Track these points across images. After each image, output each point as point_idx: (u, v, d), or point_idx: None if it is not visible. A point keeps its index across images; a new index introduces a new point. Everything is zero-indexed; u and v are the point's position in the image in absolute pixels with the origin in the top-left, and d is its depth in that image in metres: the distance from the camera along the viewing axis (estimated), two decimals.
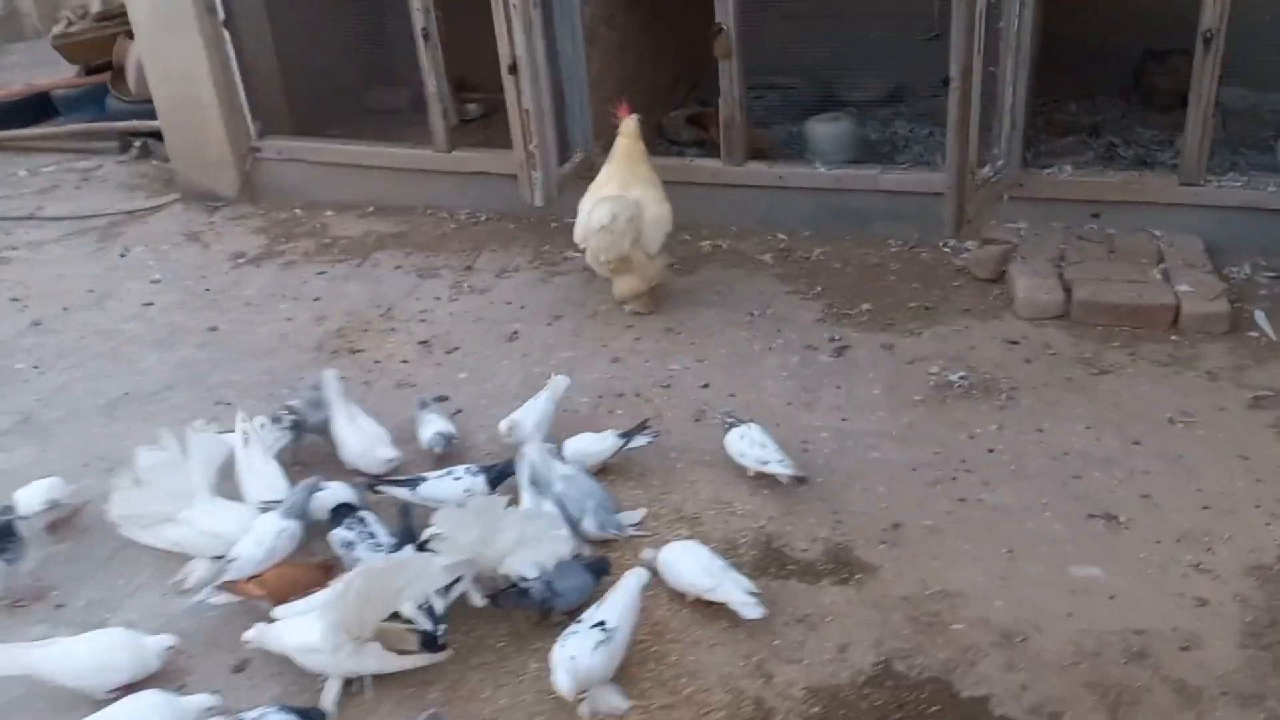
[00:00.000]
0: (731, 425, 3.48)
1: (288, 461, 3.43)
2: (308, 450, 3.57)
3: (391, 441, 3.50)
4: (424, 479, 3.28)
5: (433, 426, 3.54)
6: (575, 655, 2.59)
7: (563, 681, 2.55)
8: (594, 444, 3.45)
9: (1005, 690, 2.66)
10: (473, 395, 3.97)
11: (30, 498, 3.29)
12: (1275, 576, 2.94)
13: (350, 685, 2.72)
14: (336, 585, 2.71)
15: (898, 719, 2.60)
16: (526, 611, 2.91)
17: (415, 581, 2.72)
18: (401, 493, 3.25)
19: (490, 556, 2.88)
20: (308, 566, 3.04)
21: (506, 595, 2.87)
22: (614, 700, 2.64)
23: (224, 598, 2.91)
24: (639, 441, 3.49)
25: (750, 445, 3.42)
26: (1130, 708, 2.59)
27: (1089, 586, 2.96)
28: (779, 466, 3.36)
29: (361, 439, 3.49)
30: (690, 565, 2.95)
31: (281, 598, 2.88)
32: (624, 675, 2.74)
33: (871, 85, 6.20)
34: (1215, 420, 3.60)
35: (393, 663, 2.72)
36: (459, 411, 3.84)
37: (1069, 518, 3.21)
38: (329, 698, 2.66)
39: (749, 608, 2.83)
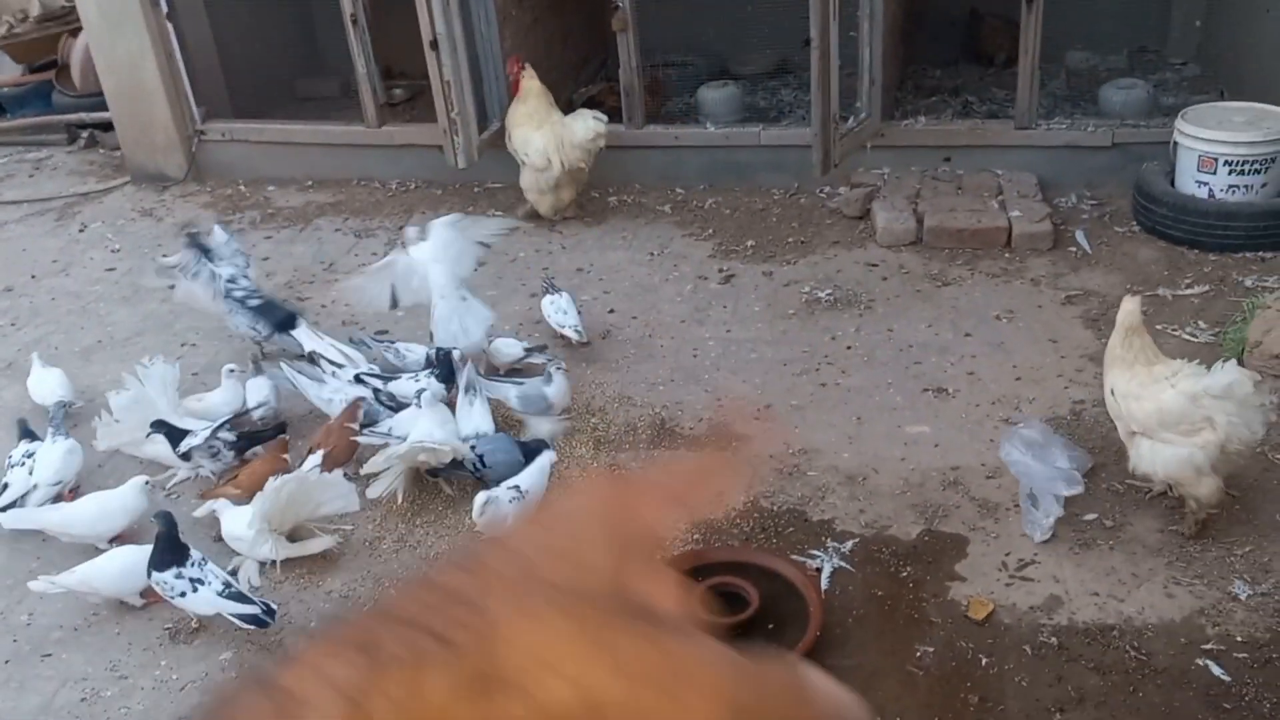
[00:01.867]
0: (548, 291, 4.25)
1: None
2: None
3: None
4: (397, 378, 3.92)
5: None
6: (490, 499, 3.20)
7: (478, 509, 3.18)
8: (508, 347, 4.10)
9: (847, 514, 3.34)
10: (409, 326, 4.55)
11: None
12: (1066, 423, 3.65)
13: (263, 566, 3.26)
14: (273, 483, 3.23)
15: (760, 538, 3.26)
16: (464, 480, 3.52)
17: (334, 500, 3.29)
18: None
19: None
20: (274, 458, 3.61)
21: (439, 469, 3.48)
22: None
23: (206, 507, 3.44)
24: (537, 358, 4.12)
25: (556, 310, 4.25)
26: (943, 519, 3.28)
27: (919, 439, 3.65)
28: (572, 333, 4.20)
29: None
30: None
31: (255, 491, 3.45)
32: None
33: (760, 60, 6.90)
34: (1033, 315, 4.33)
35: (296, 550, 3.25)
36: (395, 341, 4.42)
37: (908, 392, 3.91)
38: (247, 575, 3.21)
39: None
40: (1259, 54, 5.35)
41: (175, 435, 3.56)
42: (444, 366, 3.87)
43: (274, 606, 2.96)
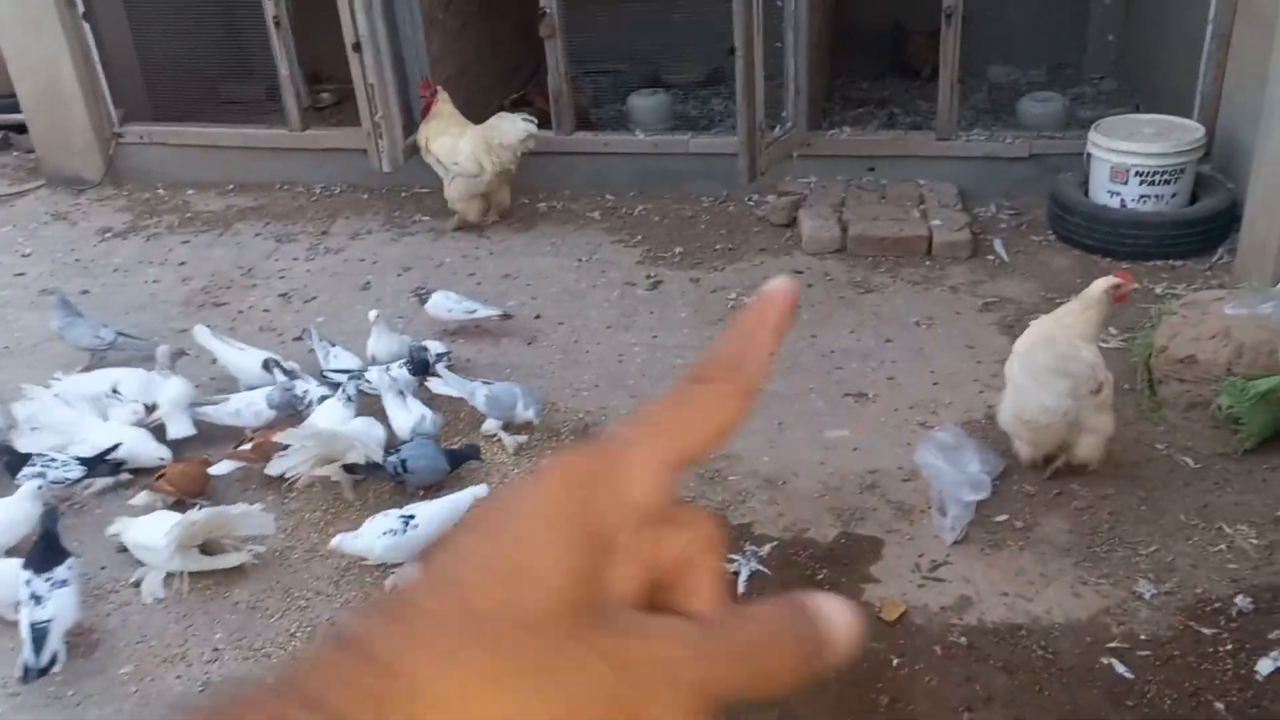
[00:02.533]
0: (426, 295, 4.27)
1: None
2: None
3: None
4: (366, 370, 3.92)
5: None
6: (360, 535, 3.11)
7: (336, 542, 3.11)
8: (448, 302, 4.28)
9: (766, 517, 3.35)
10: (328, 333, 4.47)
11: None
12: (980, 426, 3.70)
13: (169, 577, 3.18)
14: (191, 515, 3.15)
15: None
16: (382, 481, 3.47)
17: (251, 527, 3.23)
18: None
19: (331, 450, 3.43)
20: (200, 461, 3.53)
21: (358, 466, 3.42)
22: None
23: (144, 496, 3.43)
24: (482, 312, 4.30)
25: (455, 302, 4.29)
26: (860, 522, 3.31)
27: (839, 444, 3.68)
28: (485, 310, 4.27)
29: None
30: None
31: (187, 492, 3.40)
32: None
33: (692, 69, 6.93)
34: (952, 321, 4.39)
35: (208, 564, 3.18)
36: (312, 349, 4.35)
37: (829, 397, 3.94)
38: (151, 585, 3.13)
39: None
40: (1170, 68, 5.51)
41: (15, 462, 3.45)
42: (418, 362, 3.88)
43: (54, 667, 2.81)
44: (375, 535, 3.10)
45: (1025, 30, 6.68)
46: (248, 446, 3.52)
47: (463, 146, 5.13)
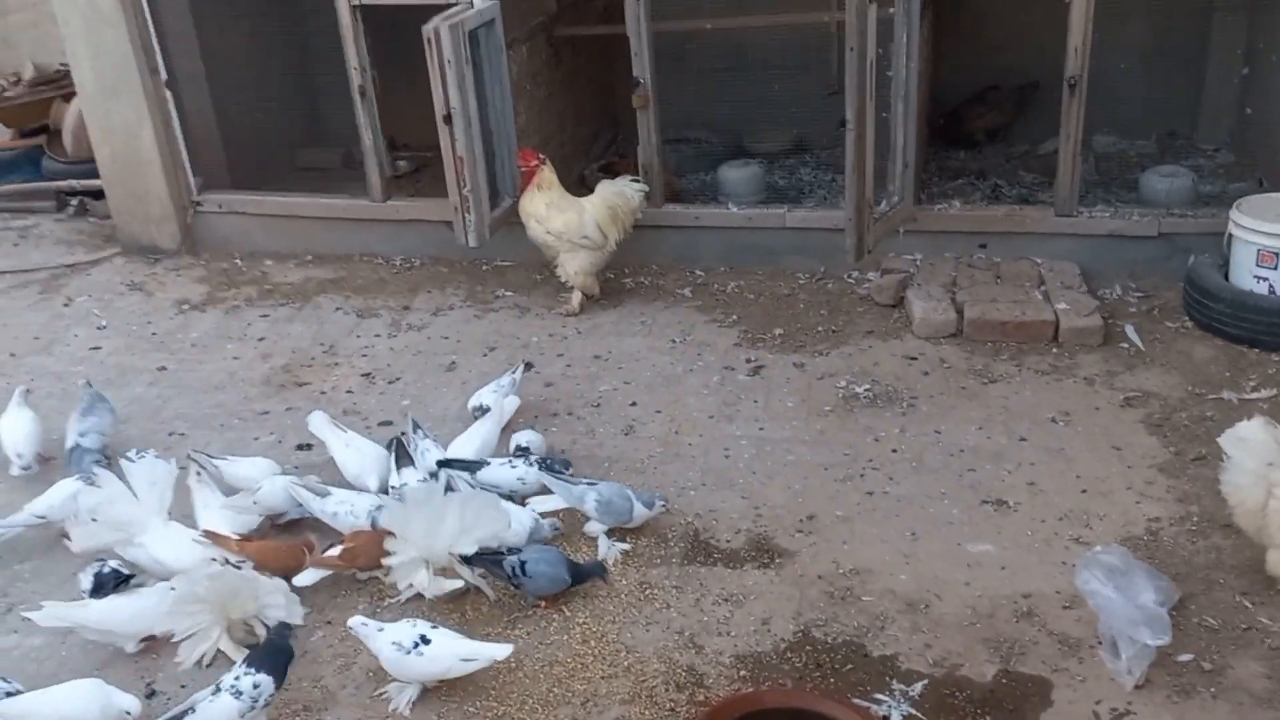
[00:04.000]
0: (419, 438, 3.84)
1: None
2: None
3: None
4: (487, 463, 3.63)
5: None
6: (379, 634, 2.88)
7: (354, 624, 2.91)
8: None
9: (911, 648, 2.98)
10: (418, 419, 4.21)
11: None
12: (1144, 544, 3.32)
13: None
14: (213, 567, 3.11)
15: (816, 677, 2.90)
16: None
17: (277, 607, 3.03)
18: (464, 475, 3.59)
19: (438, 545, 3.12)
20: (291, 545, 3.32)
21: (481, 557, 3.12)
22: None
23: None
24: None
25: (491, 390, 4.11)
26: (1020, 658, 2.93)
27: (982, 560, 3.31)
28: (510, 378, 4.17)
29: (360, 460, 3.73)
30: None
31: (265, 566, 3.21)
32: (568, 652, 3.01)
33: (777, 137, 6.68)
34: (1091, 418, 4.02)
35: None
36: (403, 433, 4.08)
37: (964, 504, 3.58)
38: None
39: None
40: None
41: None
42: (548, 465, 3.65)
43: None
44: (386, 642, 2.86)
45: (1133, 98, 6.35)
46: (336, 552, 3.24)
47: (588, 217, 4.92)
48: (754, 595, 3.21)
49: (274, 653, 2.78)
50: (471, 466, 3.62)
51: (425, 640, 2.83)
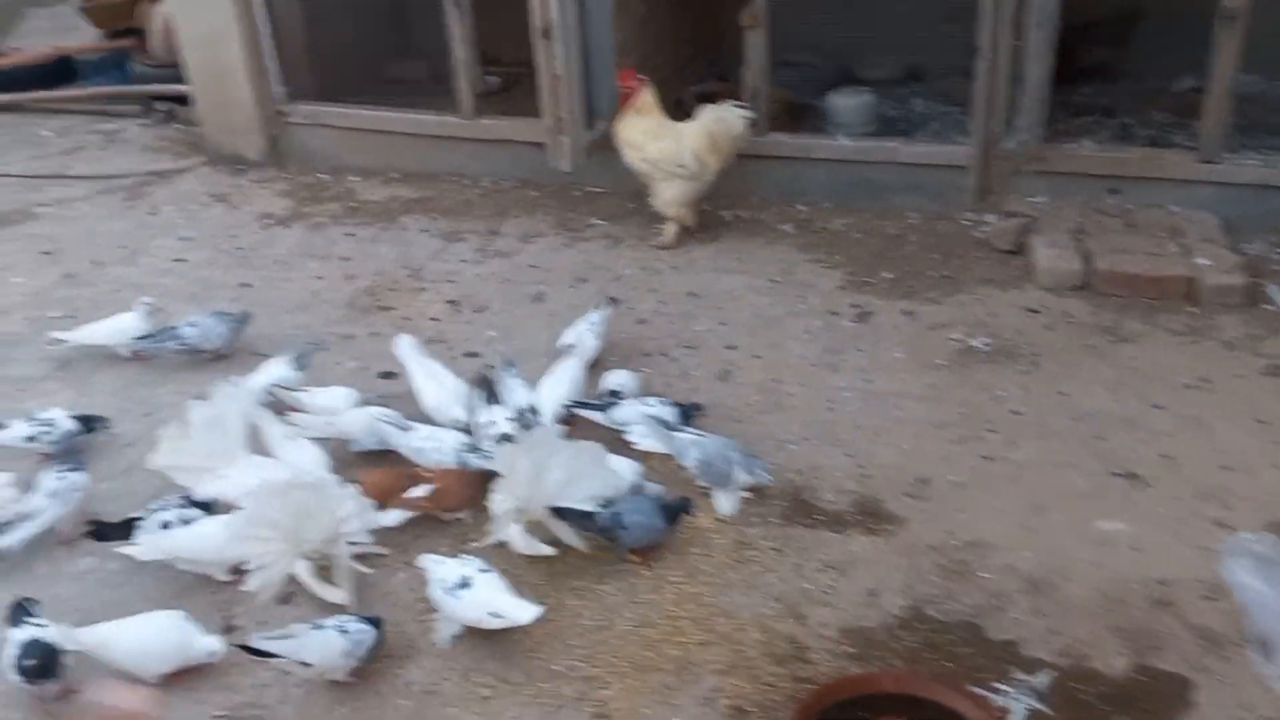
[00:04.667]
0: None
1: None
2: None
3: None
4: (617, 403, 3.46)
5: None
6: (439, 566, 2.77)
7: (422, 561, 2.82)
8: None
9: (1034, 634, 2.74)
10: (503, 352, 4.04)
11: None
12: None
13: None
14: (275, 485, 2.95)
15: (930, 659, 2.68)
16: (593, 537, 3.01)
17: (352, 517, 2.89)
18: (596, 416, 3.45)
19: (538, 496, 2.94)
20: (399, 473, 3.20)
21: (570, 511, 2.95)
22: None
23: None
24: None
25: (587, 329, 3.86)
26: (1156, 652, 2.68)
27: (1113, 538, 3.04)
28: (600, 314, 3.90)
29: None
30: None
31: (379, 498, 3.09)
32: (660, 613, 2.83)
33: (889, 64, 6.26)
34: (1232, 386, 3.68)
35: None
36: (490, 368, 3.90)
37: (1092, 474, 3.29)
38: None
39: None
40: None
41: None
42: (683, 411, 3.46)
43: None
44: (437, 574, 2.75)
45: (1276, 34, 5.78)
46: (423, 493, 3.08)
47: (686, 145, 4.63)
48: (860, 563, 2.99)
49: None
50: (603, 405, 3.46)
51: (466, 584, 2.69)
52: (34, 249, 4.99)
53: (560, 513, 2.97)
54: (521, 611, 2.66)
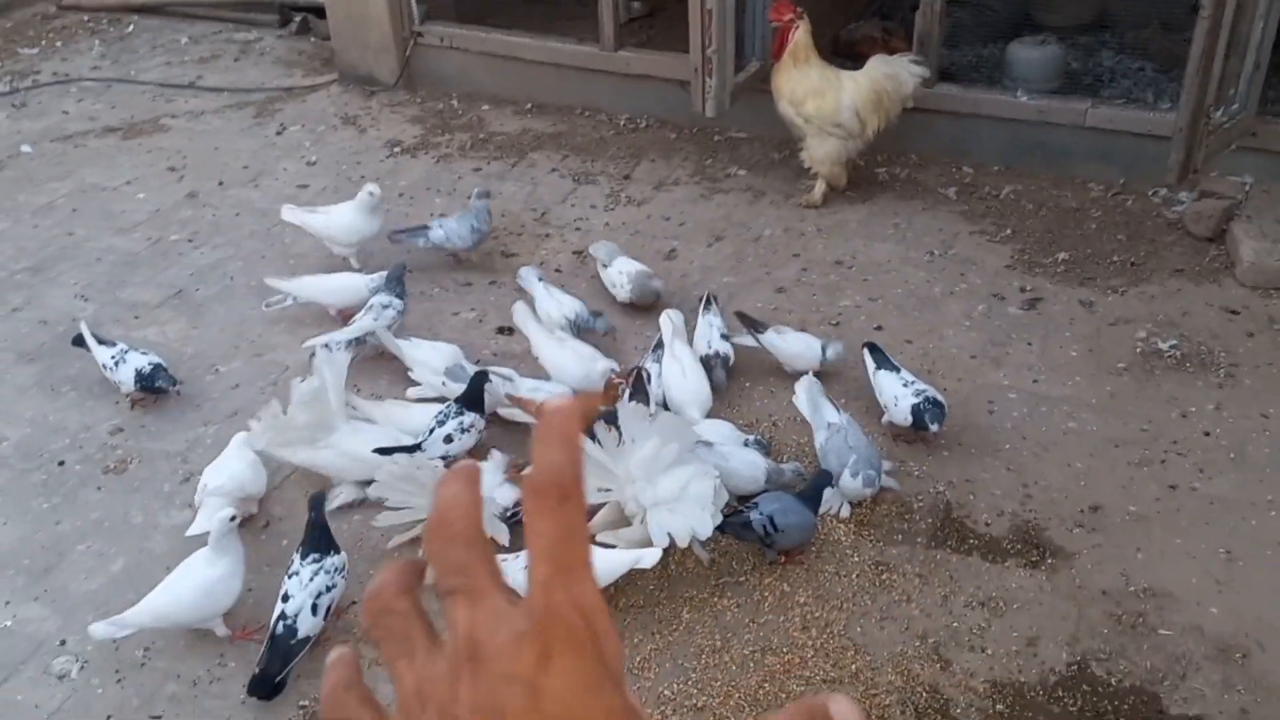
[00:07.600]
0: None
1: None
2: None
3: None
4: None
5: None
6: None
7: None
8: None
9: (1222, 712, 2.35)
10: (627, 312, 3.74)
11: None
12: None
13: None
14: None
15: None
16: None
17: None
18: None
19: (643, 497, 2.65)
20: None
21: (731, 523, 2.67)
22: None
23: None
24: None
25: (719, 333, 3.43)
26: None
27: None
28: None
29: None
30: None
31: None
32: (784, 639, 2.53)
33: (1074, 10, 5.61)
34: None
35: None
36: (613, 327, 3.61)
37: None
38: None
39: None
40: None
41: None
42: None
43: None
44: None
45: None
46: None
47: (847, 100, 4.19)
48: (1018, 603, 2.63)
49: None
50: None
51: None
52: (160, 164, 4.88)
53: (722, 526, 2.67)
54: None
